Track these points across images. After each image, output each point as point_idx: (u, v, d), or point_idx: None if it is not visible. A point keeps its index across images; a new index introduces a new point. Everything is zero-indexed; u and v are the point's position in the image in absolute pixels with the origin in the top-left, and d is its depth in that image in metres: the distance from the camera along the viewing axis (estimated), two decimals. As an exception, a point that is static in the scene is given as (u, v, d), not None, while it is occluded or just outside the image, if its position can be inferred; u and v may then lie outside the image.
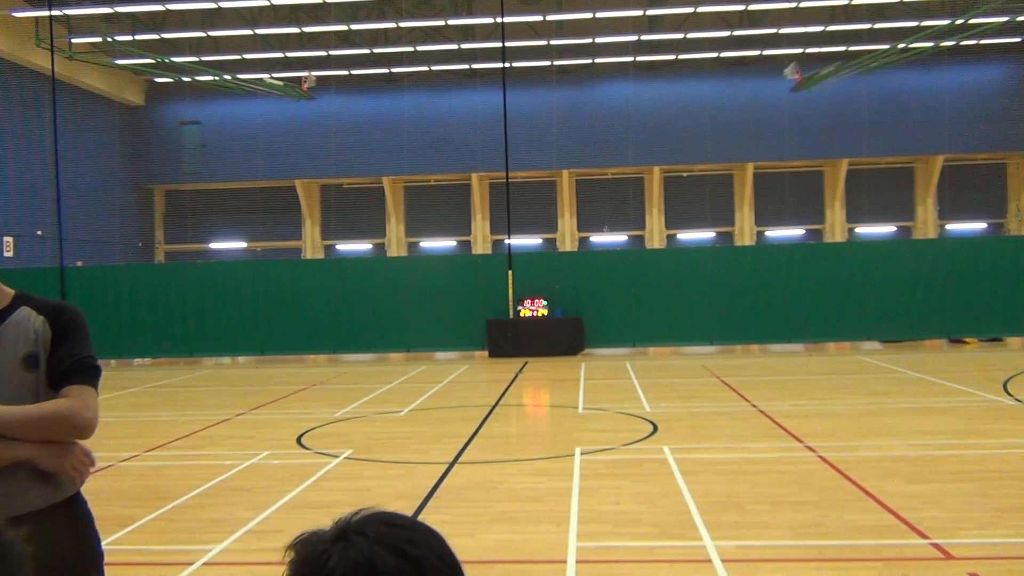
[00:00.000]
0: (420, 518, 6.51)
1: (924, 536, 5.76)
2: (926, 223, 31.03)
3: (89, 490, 2.57)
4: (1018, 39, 28.08)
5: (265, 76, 28.62)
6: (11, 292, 2.65)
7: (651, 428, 10.11)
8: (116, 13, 24.58)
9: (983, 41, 27.41)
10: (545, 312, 19.93)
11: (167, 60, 26.63)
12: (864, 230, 31.61)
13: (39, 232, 25.71)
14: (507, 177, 22.79)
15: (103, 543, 2.71)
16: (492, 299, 20.20)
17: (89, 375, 2.63)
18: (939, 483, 7.22)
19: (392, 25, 25.91)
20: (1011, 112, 29.34)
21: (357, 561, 1.07)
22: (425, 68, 29.90)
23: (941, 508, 6.45)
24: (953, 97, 29.59)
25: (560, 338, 19.75)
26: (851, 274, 19.62)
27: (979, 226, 31.14)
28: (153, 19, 26.07)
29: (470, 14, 25.59)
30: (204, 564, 5.66)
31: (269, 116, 31.16)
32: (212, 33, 26.08)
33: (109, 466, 8.81)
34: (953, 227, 31.25)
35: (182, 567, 5.58)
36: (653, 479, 7.61)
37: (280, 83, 28.65)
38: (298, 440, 10.05)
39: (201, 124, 31.77)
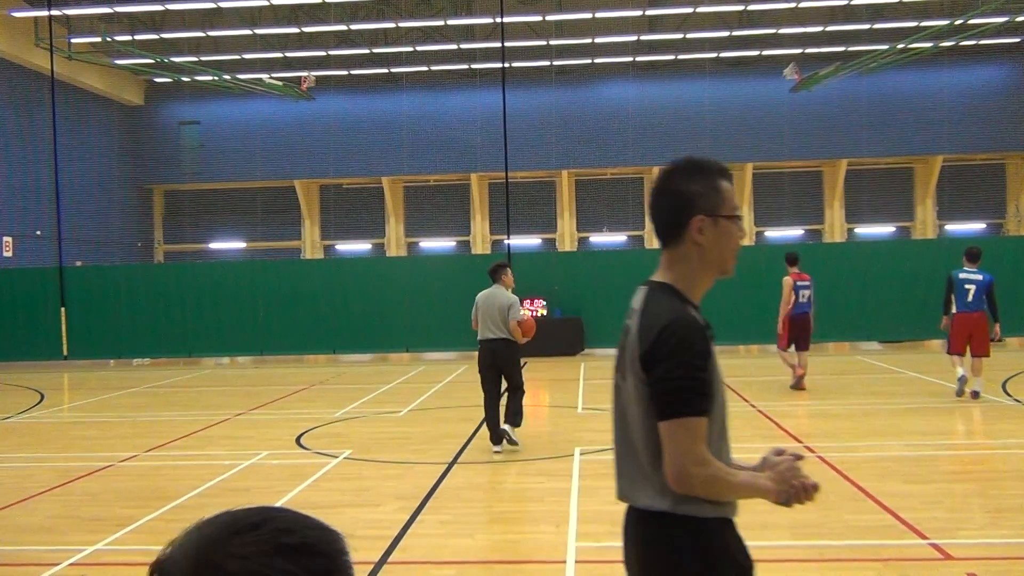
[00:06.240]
0: (419, 518, 6.54)
1: (923, 536, 5.76)
2: (925, 223, 31.03)
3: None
4: (1018, 39, 28.07)
5: (265, 76, 28.60)
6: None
7: (651, 428, 10.08)
8: (115, 13, 24.58)
9: (982, 41, 27.39)
10: (544, 312, 19.93)
11: (166, 60, 26.62)
12: (863, 230, 31.60)
13: (39, 232, 25.70)
14: (507, 177, 22.78)
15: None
16: (492, 299, 20.16)
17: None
18: (939, 483, 7.22)
19: (392, 25, 25.91)
20: (1011, 112, 29.33)
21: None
22: (425, 68, 29.89)
23: (940, 508, 6.45)
24: (953, 97, 29.58)
25: (560, 338, 19.74)
26: (851, 274, 19.59)
27: (978, 226, 31.12)
28: (152, 19, 26.07)
29: (470, 14, 25.59)
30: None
31: (268, 116, 31.15)
32: (212, 33, 26.07)
33: (109, 466, 8.81)
34: (952, 227, 31.24)
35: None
36: (653, 479, 7.59)
37: (279, 83, 28.63)
38: (297, 440, 10.05)
39: (200, 124, 31.76)
